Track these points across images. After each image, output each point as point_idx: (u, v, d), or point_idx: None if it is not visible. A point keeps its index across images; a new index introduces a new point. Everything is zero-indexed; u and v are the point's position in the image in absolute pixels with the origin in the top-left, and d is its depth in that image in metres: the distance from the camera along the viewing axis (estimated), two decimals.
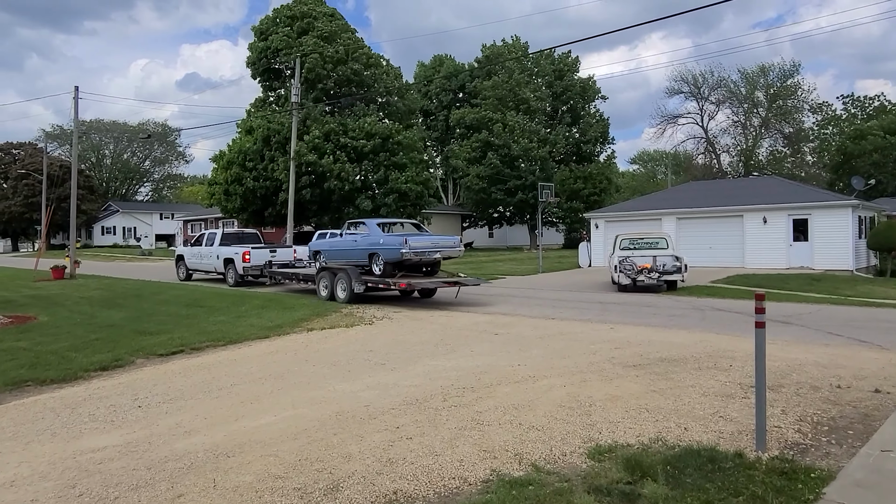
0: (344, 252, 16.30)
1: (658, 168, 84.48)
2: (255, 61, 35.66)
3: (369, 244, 15.21)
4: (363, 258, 15.37)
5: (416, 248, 14.20)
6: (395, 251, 14.20)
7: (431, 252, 14.64)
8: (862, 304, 14.99)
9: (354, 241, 15.96)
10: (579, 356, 8.41)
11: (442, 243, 15.19)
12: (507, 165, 44.26)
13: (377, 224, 15.80)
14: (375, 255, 14.89)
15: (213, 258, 21.74)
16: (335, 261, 16.55)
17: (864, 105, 54.32)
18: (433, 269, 15.60)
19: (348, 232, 16.95)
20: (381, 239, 14.97)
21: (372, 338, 10.31)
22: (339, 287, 15.47)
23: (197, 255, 22.84)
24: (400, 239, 14.31)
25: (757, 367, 4.77)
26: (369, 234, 15.56)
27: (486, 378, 7.21)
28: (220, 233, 22.46)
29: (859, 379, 7.07)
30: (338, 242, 16.95)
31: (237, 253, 20.39)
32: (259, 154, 31.32)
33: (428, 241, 14.95)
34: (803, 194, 26.18)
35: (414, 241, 14.33)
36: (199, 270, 23.16)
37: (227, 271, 20.82)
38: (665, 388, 6.67)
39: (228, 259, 20.77)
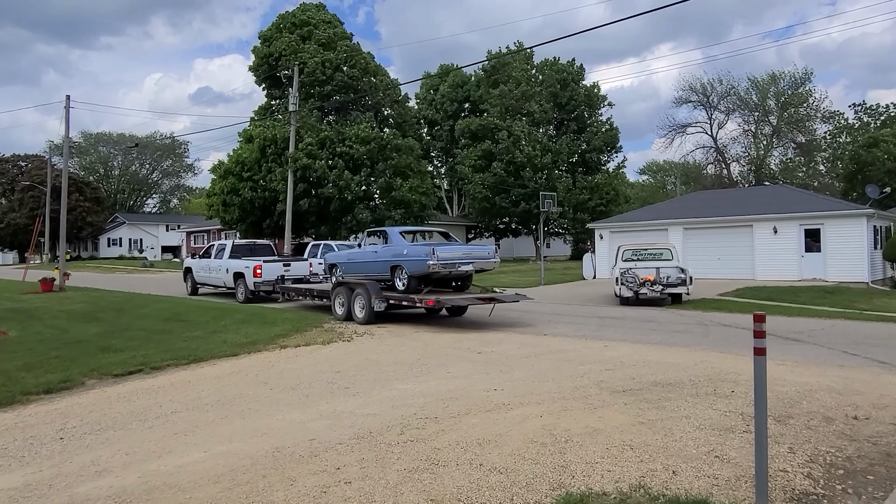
0: (363, 265, 14.53)
1: (668, 179, 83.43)
2: (259, 66, 35.28)
3: (391, 256, 13.44)
4: (384, 272, 13.61)
5: (445, 260, 12.41)
6: (420, 263, 12.42)
7: (462, 264, 12.81)
8: (879, 319, 14.05)
9: (375, 253, 14.14)
10: (565, 379, 7.60)
11: (475, 254, 13.43)
12: (511, 174, 43.54)
13: (400, 233, 14.09)
14: (398, 268, 13.15)
15: (221, 272, 20.09)
16: (353, 275, 14.79)
17: (877, 113, 53.17)
18: (464, 284, 13.94)
19: (369, 242, 15.18)
20: (404, 249, 13.17)
21: (345, 357, 9.55)
22: (357, 305, 13.48)
23: (205, 267, 21.22)
24: (426, 249, 12.53)
25: (756, 404, 3.96)
26: (391, 245, 13.73)
27: (454, 406, 6.42)
28: (229, 244, 20.75)
29: (879, 408, 6.22)
30: (356, 254, 15.16)
31: (248, 267, 18.72)
32: (257, 164, 30.79)
33: (458, 251, 13.09)
34: (815, 203, 25.21)
35: (442, 251, 12.51)
36: (208, 284, 21.43)
37: (237, 286, 19.16)
38: (655, 419, 5.85)
39: (238, 273, 19.11)
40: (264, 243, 22.24)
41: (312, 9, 34.28)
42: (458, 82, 49.59)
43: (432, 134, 53.05)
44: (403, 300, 12.76)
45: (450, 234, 14.92)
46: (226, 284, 19.99)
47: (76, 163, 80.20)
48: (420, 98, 52.12)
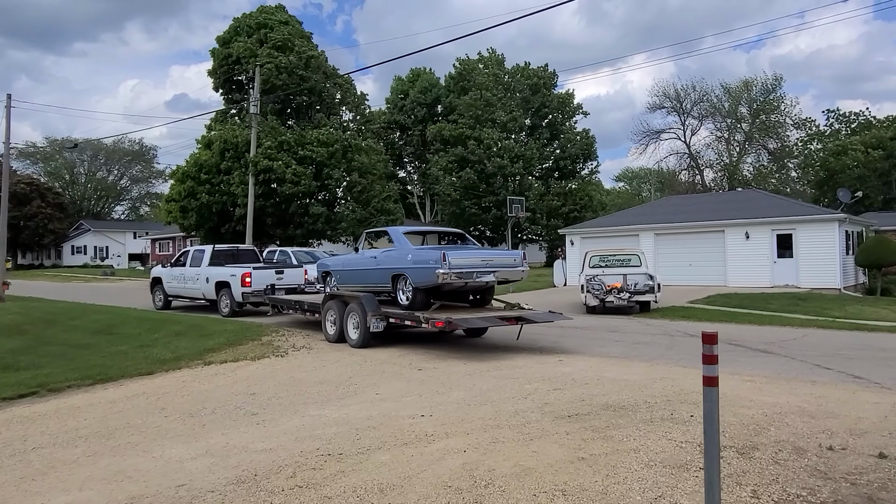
0: (360, 273, 11.97)
1: (643, 186, 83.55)
2: (217, 70, 34.13)
3: (393, 262, 10.85)
4: (385, 281, 11.03)
5: (460, 268, 9.78)
6: (428, 272, 9.79)
7: (482, 273, 10.13)
8: (852, 327, 13.40)
9: (373, 259, 11.48)
10: (506, 401, 6.69)
11: (497, 260, 10.71)
12: (482, 181, 42.77)
13: (404, 234, 11.26)
14: (401, 278, 10.60)
15: (200, 281, 17.31)
16: (349, 284, 12.29)
17: (848, 120, 53.53)
18: (483, 298, 11.43)
19: (368, 245, 12.45)
20: (408, 254, 10.51)
21: (268, 375, 8.55)
22: (351, 324, 10.91)
23: (178, 277, 18.27)
24: (434, 254, 9.88)
25: (706, 451, 3.08)
26: (393, 248, 11.12)
27: (368, 437, 5.47)
28: (209, 249, 17.89)
29: (857, 435, 5.40)
30: (353, 260, 12.58)
31: (234, 275, 16.12)
32: (216, 167, 29.60)
33: (476, 256, 10.41)
34: (787, 208, 24.74)
35: (456, 257, 9.83)
36: (182, 297, 18.56)
37: (220, 298, 16.57)
38: (599, 452, 4.95)
39: (222, 283, 16.51)
40: (248, 248, 19.69)
41: (272, 10, 33.21)
42: (427, 86, 48.75)
43: (403, 139, 52.13)
44: (406, 319, 10.06)
45: (466, 236, 12.25)
46: (205, 296, 17.36)
47: (40, 168, 77.93)
48: (390, 103, 51.20)
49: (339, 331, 11.21)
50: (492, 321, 9.99)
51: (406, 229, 11.81)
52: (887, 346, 10.62)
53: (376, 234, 12.70)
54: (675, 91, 55.06)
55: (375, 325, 10.39)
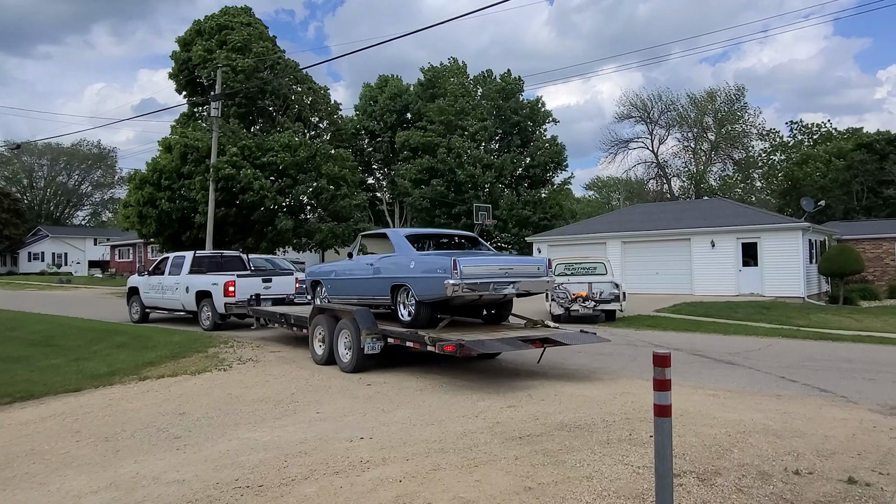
0: (354, 283, 10.26)
1: (613, 194, 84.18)
2: (177, 73, 33.17)
3: (393, 270, 9.17)
4: (383, 293, 9.37)
5: (474, 277, 8.11)
6: (435, 282, 8.12)
7: (500, 284, 8.45)
8: (817, 336, 13.25)
9: (370, 266, 9.73)
10: (454, 420, 6.21)
11: (518, 269, 8.91)
12: (452, 190, 42.35)
13: (406, 237, 9.55)
14: (403, 289, 8.93)
15: (179, 291, 15.69)
16: (341, 296, 10.62)
17: (810, 132, 54.59)
18: (499, 313, 9.81)
19: (363, 250, 10.81)
20: (411, 261, 8.83)
21: (205, 392, 7.93)
22: (342, 343, 9.17)
23: (157, 287, 16.55)
24: (443, 261, 8.15)
25: (658, 493, 2.63)
26: (394, 254, 9.37)
27: (297, 465, 4.94)
28: (189, 256, 16.21)
29: (824, 457, 5.04)
30: (345, 267, 10.73)
31: (216, 284, 14.53)
32: (176, 173, 28.63)
33: (493, 264, 8.73)
34: (752, 216, 24.82)
35: (469, 264, 8.17)
36: (160, 308, 16.89)
37: (201, 309, 15.03)
38: (548, 481, 4.50)
39: (203, 292, 14.92)
40: (234, 255, 17.93)
41: (236, 12, 32.39)
42: (397, 92, 48.27)
43: (373, 145, 51.52)
44: (407, 339, 8.32)
45: (479, 240, 10.74)
46: (185, 307, 15.74)
47: None
48: (359, 109, 50.57)
49: (328, 351, 9.50)
50: (512, 343, 8.06)
51: (409, 231, 10.03)
52: (852, 357, 10.42)
53: (373, 236, 11.13)
54: (643, 101, 55.57)
55: (371, 345, 8.56)
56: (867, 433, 5.73)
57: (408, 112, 48.83)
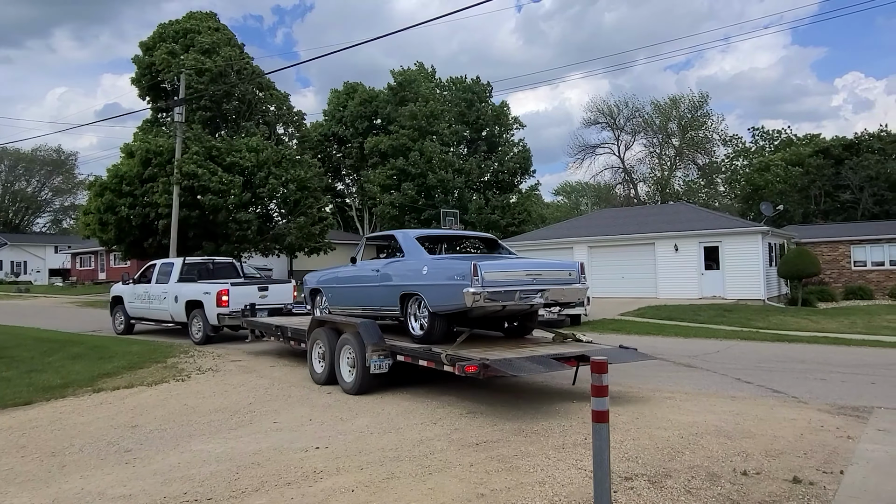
0: (358, 292, 9.19)
1: (581, 199, 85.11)
2: (140, 78, 32.59)
3: (403, 277, 8.13)
4: (390, 302, 8.31)
5: (498, 285, 7.08)
6: (452, 291, 7.07)
7: (528, 292, 7.36)
8: (774, 338, 13.57)
9: (376, 273, 8.69)
10: (413, 428, 6.19)
11: (548, 274, 7.75)
12: (422, 195, 42.35)
13: (417, 238, 8.52)
14: (414, 299, 7.91)
15: (167, 301, 14.51)
16: (344, 306, 9.60)
17: (771, 138, 56.01)
18: (523, 325, 8.84)
19: (373, 257, 10.06)
20: (423, 266, 7.77)
21: (160, 404, 7.77)
22: (345, 361, 8.09)
23: (142, 296, 15.41)
24: (462, 266, 7.16)
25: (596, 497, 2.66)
26: (403, 259, 8.39)
27: (248, 476, 4.86)
28: (178, 263, 15.07)
29: (772, 457, 5.15)
30: (348, 274, 9.59)
31: (208, 293, 13.37)
32: (138, 178, 28.07)
33: (520, 268, 7.71)
34: (714, 221, 25.34)
35: (492, 269, 7.15)
36: (147, 319, 15.68)
37: (192, 320, 13.84)
38: (501, 487, 4.51)
39: (193, 302, 13.75)
40: (226, 261, 16.71)
41: (201, 17, 31.99)
42: (367, 98, 48.15)
43: (342, 151, 51.26)
44: (420, 357, 7.18)
45: (499, 242, 9.62)
46: (173, 318, 14.57)
47: None
48: (328, 115, 50.29)
49: (328, 369, 8.39)
50: (545, 363, 6.77)
51: (420, 233, 8.94)
52: (806, 358, 10.69)
53: (379, 239, 10.22)
54: (609, 107, 56.42)
55: (377, 364, 7.49)
56: (815, 433, 5.87)
57: (377, 118, 48.74)
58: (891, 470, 4.81)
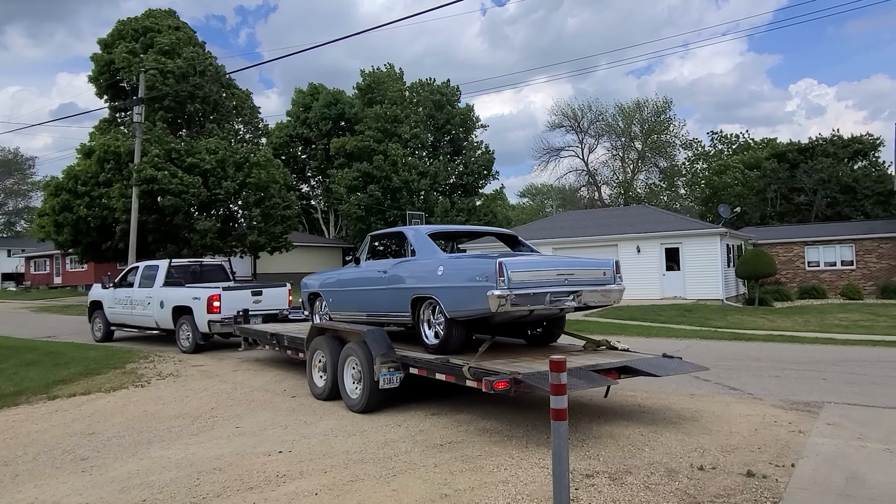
0: (362, 295, 8.28)
1: (546, 201, 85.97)
2: (98, 76, 31.78)
3: (415, 279, 7.22)
4: (400, 307, 7.42)
5: (526, 286, 6.19)
6: (474, 294, 6.20)
7: (559, 294, 6.44)
8: (732, 337, 13.93)
9: (383, 274, 7.81)
10: (377, 430, 6.18)
11: (581, 273, 6.84)
12: (388, 197, 42.27)
13: (429, 235, 7.69)
14: (427, 303, 7.02)
15: (152, 306, 13.55)
16: (347, 311, 8.69)
17: (729, 142, 57.47)
18: (550, 331, 7.94)
19: (378, 256, 8.99)
20: (439, 266, 6.86)
21: (119, 410, 7.60)
22: (348, 375, 7.26)
23: (124, 301, 14.38)
24: (484, 266, 6.25)
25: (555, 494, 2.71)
26: (415, 258, 7.54)
27: (209, 482, 4.80)
28: (163, 265, 13.94)
29: (728, 452, 5.30)
30: (351, 276, 8.69)
31: (198, 298, 12.38)
32: (95, 179, 27.36)
33: (549, 267, 6.72)
34: (674, 223, 25.89)
35: (519, 268, 6.24)
36: (129, 326, 14.72)
37: (179, 328, 12.92)
38: (465, 487, 4.55)
39: (181, 308, 12.80)
40: (215, 263, 15.51)
41: (161, 15, 31.36)
42: (331, 100, 47.84)
43: (307, 153, 50.83)
44: (437, 370, 6.32)
45: (519, 239, 8.72)
46: (159, 325, 13.62)
47: None
48: (292, 116, 49.81)
49: (330, 383, 7.51)
50: (586, 377, 5.78)
51: (432, 229, 8.06)
52: (761, 356, 11.01)
53: (386, 237, 9.29)
54: (574, 111, 57.18)
55: (387, 377, 6.63)
56: (768, 428, 6.06)
57: (343, 119, 48.47)
58: (838, 462, 5.00)
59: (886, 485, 4.50)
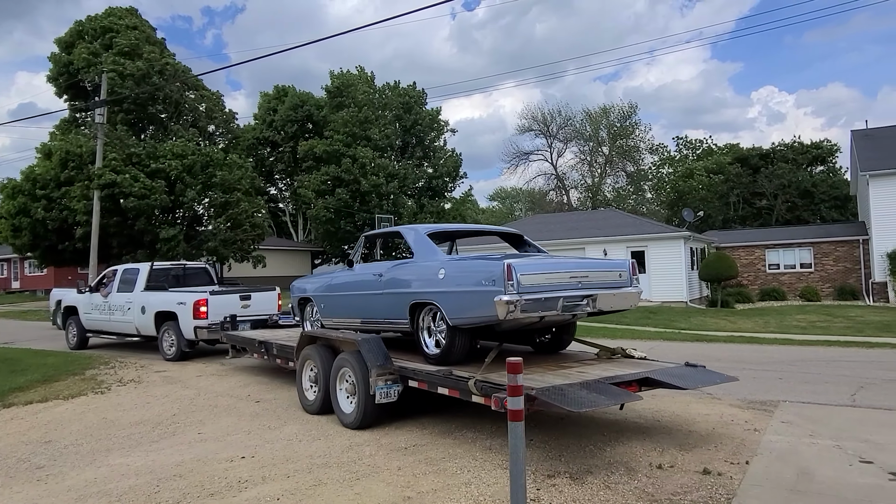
0: (356, 300, 7.68)
1: (515, 205, 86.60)
2: (58, 76, 31.08)
3: (414, 282, 6.68)
4: (397, 314, 6.85)
5: (537, 291, 5.63)
6: (479, 298, 5.68)
7: (573, 299, 5.87)
8: (694, 338, 14.24)
9: (378, 278, 7.20)
10: (341, 434, 6.17)
11: (595, 276, 6.30)
12: (356, 200, 42.11)
13: (428, 234, 7.05)
14: (428, 309, 6.47)
15: (132, 312, 12.78)
16: (340, 318, 8.09)
17: (694, 147, 58.70)
18: (559, 338, 7.35)
19: (373, 259, 8.68)
20: (440, 269, 6.27)
21: (77, 417, 7.44)
22: (341, 387, 6.72)
23: (101, 306, 13.59)
24: (490, 267, 5.74)
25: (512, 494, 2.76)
26: (413, 260, 6.98)
27: (170, 489, 4.74)
28: (144, 269, 13.15)
29: (686, 450, 5.43)
30: (343, 280, 8.07)
31: (183, 303, 11.70)
32: (55, 181, 26.70)
33: (562, 269, 6.14)
34: (640, 226, 26.34)
35: (529, 269, 5.71)
36: (106, 333, 13.86)
37: (162, 335, 12.22)
38: (428, 489, 4.58)
39: (165, 313, 12.10)
40: (199, 266, 14.87)
41: (121, 13, 30.76)
42: (298, 102, 47.48)
43: (274, 155, 50.32)
44: (440, 384, 5.80)
45: (525, 238, 8.10)
46: (139, 331, 12.87)
47: None
48: (259, 118, 49.28)
49: (322, 396, 6.95)
50: (606, 391, 5.15)
51: (431, 228, 7.37)
52: (722, 357, 11.27)
53: (382, 237, 8.56)
54: (543, 115, 57.76)
55: (384, 391, 6.08)
56: (725, 426, 6.23)
57: (310, 122, 48.13)
58: (790, 459, 5.17)
59: (834, 479, 4.66)
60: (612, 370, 5.89)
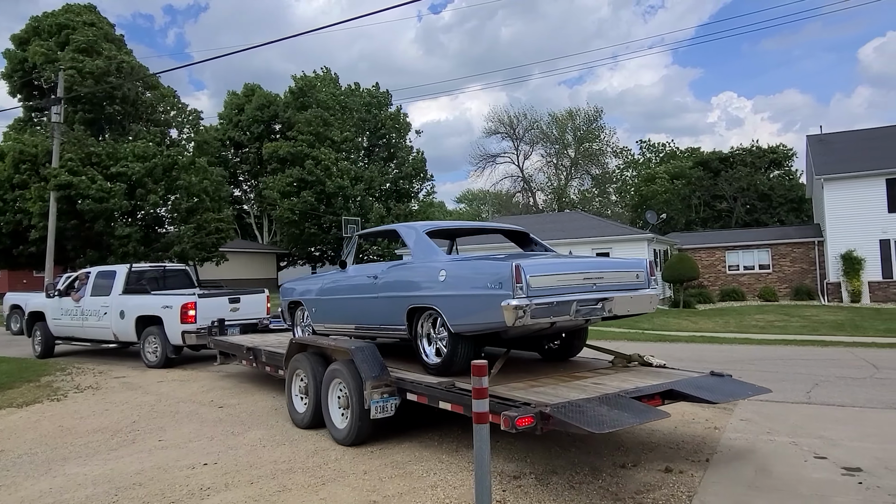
0: (350, 305, 7.14)
1: (482, 207, 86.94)
2: (12, 73, 30.13)
3: (412, 285, 6.15)
4: (394, 319, 6.33)
5: (548, 293, 5.15)
6: (484, 302, 5.17)
7: (587, 303, 5.38)
8: (657, 339, 14.49)
9: (373, 281, 6.66)
10: (306, 439, 6.11)
11: (610, 276, 5.80)
12: (322, 202, 41.78)
13: (426, 232, 6.52)
14: (427, 315, 5.98)
15: (110, 317, 11.95)
16: (332, 323, 7.55)
17: (657, 151, 59.84)
18: (570, 343, 6.86)
19: (368, 259, 7.53)
20: (440, 270, 5.77)
21: (32, 426, 7.21)
22: (333, 398, 6.18)
23: (72, 312, 12.70)
24: (496, 268, 5.21)
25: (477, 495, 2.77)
26: (410, 261, 6.48)
27: (129, 498, 4.63)
28: (122, 271, 12.35)
29: (649, 450, 5.53)
30: (336, 283, 7.47)
31: (169, 307, 11.07)
32: (8, 182, 25.86)
33: (575, 270, 5.64)
34: (604, 228, 26.71)
35: (539, 271, 5.21)
36: (79, 340, 13.02)
37: (144, 341, 11.49)
38: (394, 492, 4.56)
39: (148, 318, 11.41)
40: (178, 269, 14.13)
41: (79, 10, 29.97)
42: (264, 103, 46.92)
43: (239, 156, 49.59)
44: (442, 397, 5.23)
45: (531, 236, 7.54)
46: (118, 337, 12.07)
47: None
48: (225, 118, 48.52)
49: (312, 409, 6.40)
50: (629, 407, 4.59)
51: (430, 226, 6.79)
52: (684, 356, 11.50)
53: (378, 236, 8.06)
54: (509, 118, 58.17)
55: (380, 405, 5.56)
56: (687, 426, 6.36)
57: (276, 123, 47.60)
58: (748, 456, 5.31)
59: (790, 475, 4.80)
60: (631, 381, 5.43)
